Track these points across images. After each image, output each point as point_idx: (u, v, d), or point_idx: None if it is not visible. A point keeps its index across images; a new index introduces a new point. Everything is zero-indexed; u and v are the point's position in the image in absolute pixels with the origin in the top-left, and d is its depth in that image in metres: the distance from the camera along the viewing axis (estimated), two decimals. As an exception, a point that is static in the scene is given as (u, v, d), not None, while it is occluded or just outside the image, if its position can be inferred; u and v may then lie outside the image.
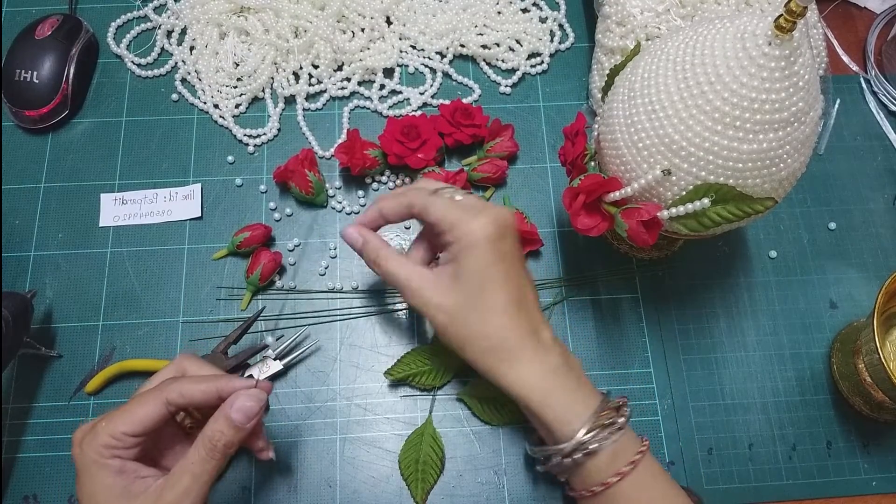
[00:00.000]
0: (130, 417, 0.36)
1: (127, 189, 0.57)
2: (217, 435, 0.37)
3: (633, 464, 0.40)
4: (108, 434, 0.36)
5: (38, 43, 0.58)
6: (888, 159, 0.60)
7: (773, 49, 0.36)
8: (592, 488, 0.40)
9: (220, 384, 0.38)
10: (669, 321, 0.54)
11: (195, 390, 0.37)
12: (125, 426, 0.36)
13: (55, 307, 0.53)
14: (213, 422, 0.37)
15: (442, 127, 0.57)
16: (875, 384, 0.48)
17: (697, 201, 0.40)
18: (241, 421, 0.37)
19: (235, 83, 0.60)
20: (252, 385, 0.38)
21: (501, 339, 0.41)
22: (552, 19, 0.64)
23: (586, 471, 0.40)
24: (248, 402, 0.37)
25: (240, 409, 0.37)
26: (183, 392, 0.37)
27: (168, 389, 0.37)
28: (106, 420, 0.36)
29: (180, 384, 0.38)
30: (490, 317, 0.41)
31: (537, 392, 0.41)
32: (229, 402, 0.37)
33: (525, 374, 0.41)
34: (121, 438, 0.36)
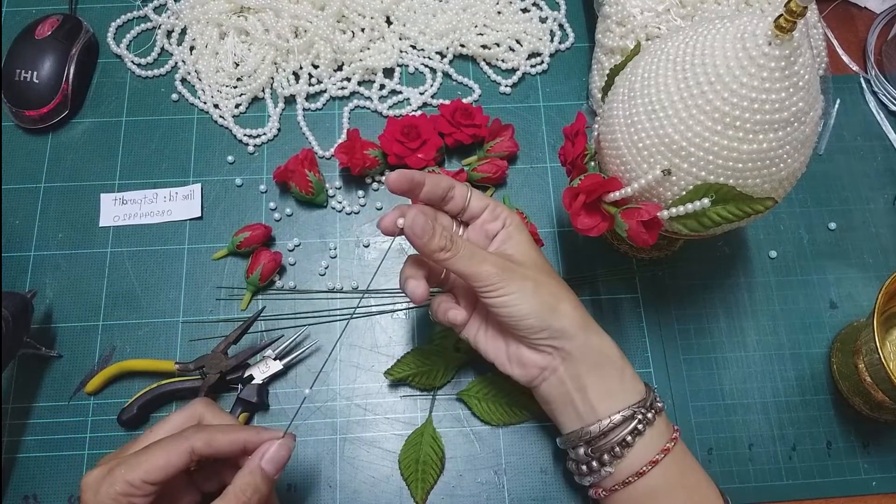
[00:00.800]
0: (151, 465, 0.35)
1: (127, 189, 0.57)
2: (249, 489, 0.36)
3: (665, 451, 0.40)
4: (126, 481, 0.35)
5: (38, 43, 0.58)
6: (888, 159, 0.60)
7: (773, 49, 0.36)
8: (626, 479, 0.41)
9: (247, 436, 0.38)
10: (669, 321, 0.54)
11: (223, 441, 0.37)
12: (145, 474, 0.35)
13: (55, 307, 0.53)
14: (242, 476, 0.37)
15: (442, 127, 0.57)
16: (875, 384, 0.48)
17: (697, 201, 0.40)
18: (272, 472, 0.37)
19: (235, 83, 0.60)
20: (279, 436, 0.38)
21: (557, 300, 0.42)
22: (552, 19, 0.64)
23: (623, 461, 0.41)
24: (281, 452, 0.38)
25: (271, 459, 0.37)
26: (210, 442, 0.37)
27: (194, 438, 0.36)
28: (124, 467, 0.35)
29: (208, 434, 0.37)
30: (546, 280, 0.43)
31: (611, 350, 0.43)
32: (259, 454, 0.37)
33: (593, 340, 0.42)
34: (140, 486, 0.35)
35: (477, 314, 0.45)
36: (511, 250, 0.43)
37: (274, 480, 0.38)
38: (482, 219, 0.44)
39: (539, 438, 0.50)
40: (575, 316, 0.42)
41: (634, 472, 0.40)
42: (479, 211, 0.44)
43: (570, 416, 0.43)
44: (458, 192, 0.44)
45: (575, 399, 0.42)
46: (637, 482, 0.41)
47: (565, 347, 0.41)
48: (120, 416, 0.49)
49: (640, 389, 0.42)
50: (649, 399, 0.42)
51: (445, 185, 0.43)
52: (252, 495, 0.36)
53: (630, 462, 0.41)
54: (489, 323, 0.44)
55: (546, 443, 0.50)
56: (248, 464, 0.37)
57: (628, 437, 0.40)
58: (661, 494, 0.41)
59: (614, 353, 0.42)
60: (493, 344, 0.44)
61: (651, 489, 0.41)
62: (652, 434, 0.41)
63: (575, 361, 0.41)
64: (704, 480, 0.42)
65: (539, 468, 0.49)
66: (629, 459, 0.41)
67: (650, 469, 0.40)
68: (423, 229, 0.39)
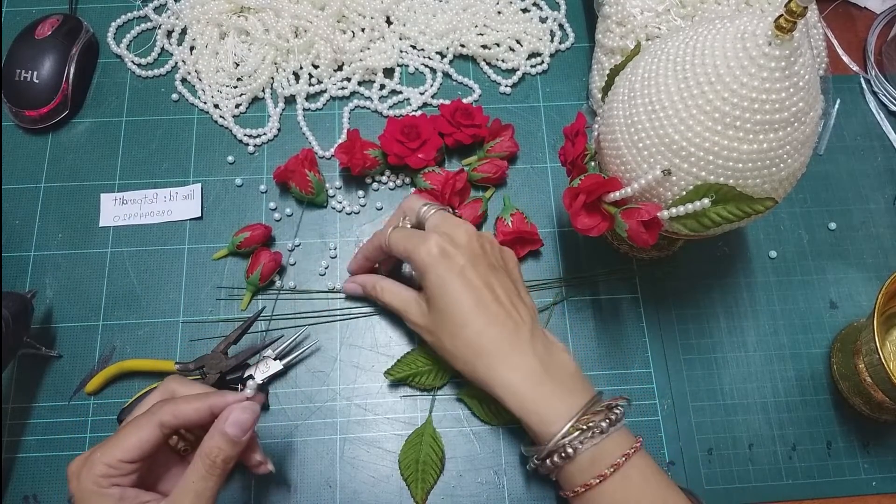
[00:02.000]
0: (125, 444, 0.36)
1: (127, 189, 0.57)
2: (214, 451, 0.37)
3: (615, 466, 0.40)
4: (104, 463, 0.36)
5: (38, 43, 0.58)
6: (888, 159, 0.60)
7: (773, 49, 0.36)
8: (575, 489, 0.41)
9: (211, 401, 0.38)
10: (669, 321, 0.54)
11: (188, 409, 0.37)
12: (121, 453, 0.36)
13: (55, 307, 0.53)
14: (208, 438, 0.37)
15: (442, 127, 0.57)
16: (875, 384, 0.48)
17: (697, 201, 0.40)
18: (236, 434, 0.37)
19: (235, 83, 0.60)
20: (244, 398, 0.38)
21: (476, 348, 0.43)
22: (552, 19, 0.64)
23: (568, 472, 0.41)
24: (243, 415, 0.37)
25: (234, 422, 0.37)
26: (175, 413, 0.37)
27: (160, 412, 0.37)
28: (101, 450, 0.36)
29: (172, 405, 0.37)
30: (459, 331, 0.43)
31: (517, 395, 0.42)
32: (223, 417, 0.37)
33: (505, 378, 0.42)
34: (117, 466, 0.36)
35: None
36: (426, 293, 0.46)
37: (241, 442, 0.37)
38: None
39: (539, 438, 0.50)
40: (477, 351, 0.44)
41: (583, 483, 0.40)
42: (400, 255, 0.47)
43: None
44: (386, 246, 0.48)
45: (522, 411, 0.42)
46: (590, 493, 0.40)
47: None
48: (120, 416, 0.49)
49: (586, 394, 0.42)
50: (592, 407, 0.41)
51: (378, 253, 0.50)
52: (216, 457, 0.37)
53: (582, 467, 0.40)
54: None
55: (546, 443, 0.50)
56: (214, 427, 0.37)
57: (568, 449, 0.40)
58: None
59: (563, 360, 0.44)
60: None
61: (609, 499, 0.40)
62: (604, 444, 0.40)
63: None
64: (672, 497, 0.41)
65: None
66: (581, 465, 0.40)
67: (598, 483, 0.40)
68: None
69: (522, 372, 0.42)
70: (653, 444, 0.50)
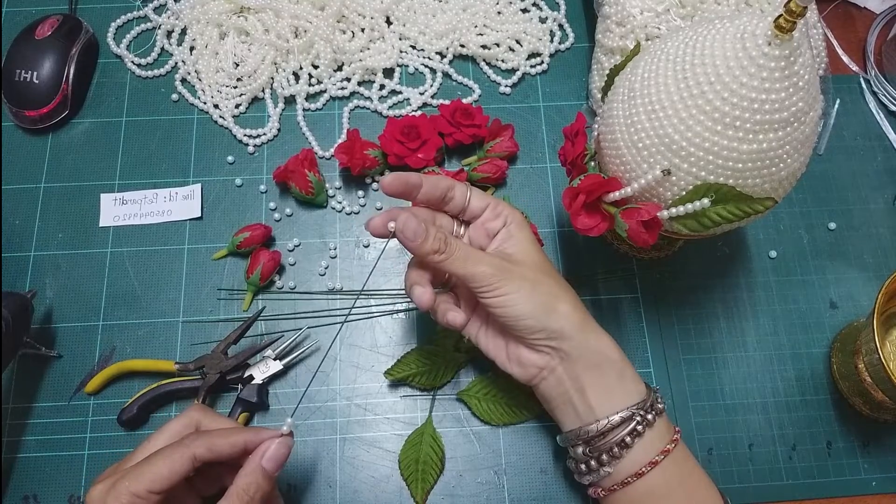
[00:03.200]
0: (155, 475, 0.35)
1: (127, 189, 0.57)
2: (253, 487, 0.37)
3: (664, 453, 0.40)
4: (131, 492, 0.35)
5: (38, 43, 0.58)
6: (888, 159, 0.60)
7: (773, 49, 0.36)
8: (625, 479, 0.41)
9: (246, 437, 0.38)
10: (669, 321, 0.54)
11: (223, 444, 0.37)
12: (150, 484, 0.35)
13: (55, 307, 0.53)
14: (245, 475, 0.37)
15: (442, 127, 0.57)
16: (875, 384, 0.48)
17: (697, 201, 0.40)
18: (273, 470, 0.38)
19: (235, 83, 0.60)
20: (279, 435, 0.39)
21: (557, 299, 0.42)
22: (552, 19, 0.64)
23: (621, 462, 0.41)
24: (280, 450, 0.38)
25: (272, 457, 0.37)
26: (211, 447, 0.37)
27: (194, 445, 0.37)
28: (128, 479, 0.35)
29: (209, 439, 0.37)
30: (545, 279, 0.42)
31: (611, 352, 0.42)
32: (259, 452, 0.37)
33: (592, 338, 0.42)
34: (145, 497, 0.35)
35: (478, 313, 0.45)
36: (511, 249, 0.43)
37: (275, 478, 0.38)
38: (483, 217, 0.44)
39: (539, 438, 0.50)
40: (573, 316, 0.41)
41: (633, 472, 0.40)
42: (480, 210, 0.44)
43: (570, 416, 0.43)
44: (458, 192, 0.44)
45: (573, 399, 0.42)
46: (636, 483, 0.40)
47: (563, 348, 0.41)
48: (120, 416, 0.49)
49: (640, 390, 0.42)
50: (649, 400, 0.42)
51: (444, 186, 0.43)
52: (255, 494, 0.37)
53: (629, 463, 0.41)
54: (489, 322, 0.44)
55: (546, 443, 0.50)
56: (249, 463, 0.37)
57: (627, 438, 0.40)
58: (660, 496, 0.41)
59: (614, 354, 0.42)
60: (494, 342, 0.44)
61: (650, 490, 0.41)
62: (651, 435, 0.41)
63: (573, 362, 0.41)
64: (705, 483, 0.42)
65: (539, 468, 0.49)
66: (628, 460, 0.41)
67: (649, 470, 0.40)
68: (414, 233, 0.40)
69: (606, 338, 0.43)
70: (653, 444, 0.50)
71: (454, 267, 0.41)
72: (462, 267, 0.40)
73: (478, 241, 0.44)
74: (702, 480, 0.42)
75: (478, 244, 0.44)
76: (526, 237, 0.43)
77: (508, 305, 0.40)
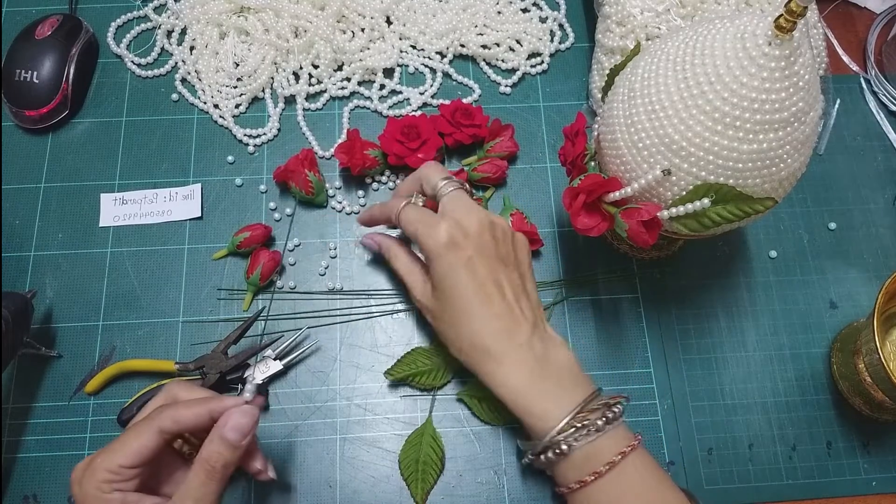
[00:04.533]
0: (126, 450, 0.36)
1: (127, 189, 0.57)
2: (214, 456, 0.37)
3: (610, 464, 0.40)
4: (105, 469, 0.36)
5: (38, 43, 0.58)
6: (888, 159, 0.60)
7: (773, 49, 0.36)
8: (569, 485, 0.41)
9: (210, 406, 0.38)
10: (669, 321, 0.54)
11: (187, 414, 0.37)
12: (122, 459, 0.36)
13: (55, 307, 0.53)
14: (208, 443, 0.37)
15: (442, 127, 0.57)
16: (875, 384, 0.48)
17: (697, 201, 0.40)
18: (235, 439, 0.37)
19: (235, 83, 0.60)
20: (242, 402, 0.38)
21: (474, 342, 0.43)
22: (552, 19, 0.64)
23: (562, 468, 0.41)
24: (242, 420, 0.37)
25: (234, 427, 0.37)
26: (175, 418, 0.37)
27: (160, 417, 0.37)
28: (102, 455, 0.36)
29: (172, 410, 0.37)
30: (460, 322, 0.43)
31: (512, 391, 0.42)
32: (222, 422, 0.37)
33: (502, 374, 0.42)
34: (118, 472, 0.36)
35: None
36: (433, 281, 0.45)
37: (241, 447, 0.37)
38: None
39: (539, 438, 0.50)
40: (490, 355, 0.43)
41: (577, 479, 0.40)
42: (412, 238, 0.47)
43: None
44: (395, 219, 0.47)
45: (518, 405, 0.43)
46: (585, 490, 0.40)
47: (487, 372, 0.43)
48: (120, 416, 0.49)
49: (584, 391, 0.42)
50: (589, 404, 0.41)
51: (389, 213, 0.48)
52: (216, 463, 0.37)
53: (577, 464, 0.41)
54: None
55: (546, 443, 0.50)
56: (213, 432, 0.37)
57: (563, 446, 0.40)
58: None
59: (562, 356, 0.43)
60: None
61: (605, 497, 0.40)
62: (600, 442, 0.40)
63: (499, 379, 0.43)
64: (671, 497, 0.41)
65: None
66: (576, 462, 0.40)
67: (593, 480, 0.40)
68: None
69: (519, 368, 0.42)
70: (653, 444, 0.50)
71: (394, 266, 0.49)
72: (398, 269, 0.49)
73: None
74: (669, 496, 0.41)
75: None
76: (440, 271, 0.44)
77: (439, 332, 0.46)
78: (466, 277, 0.43)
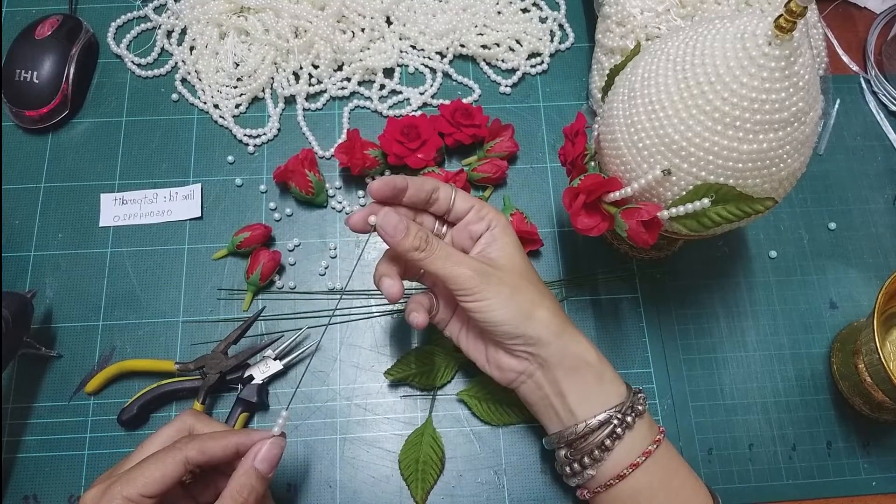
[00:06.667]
0: (148, 479, 0.35)
1: (127, 189, 0.57)
2: (246, 489, 0.36)
3: (646, 454, 0.40)
4: (125, 497, 0.35)
5: (38, 43, 0.58)
6: (888, 159, 0.60)
7: (773, 49, 0.36)
8: (607, 482, 0.41)
9: (238, 439, 0.38)
10: (669, 321, 0.54)
11: (215, 447, 0.37)
12: (143, 488, 0.35)
13: (55, 307, 0.53)
14: (237, 477, 0.37)
15: (442, 127, 0.57)
16: (875, 384, 0.48)
17: (697, 201, 0.40)
18: (266, 471, 0.37)
19: (235, 83, 0.60)
20: (270, 435, 0.38)
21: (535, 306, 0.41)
22: (552, 19, 0.64)
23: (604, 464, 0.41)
24: (272, 451, 0.38)
25: (265, 458, 0.37)
26: (203, 449, 0.37)
27: (187, 448, 0.37)
28: (120, 483, 0.35)
29: (200, 443, 0.37)
30: (526, 286, 0.42)
31: (595, 357, 0.42)
32: (252, 454, 0.37)
33: (571, 344, 0.42)
34: (138, 501, 0.35)
35: (459, 314, 0.45)
36: (494, 253, 0.43)
37: (269, 479, 0.38)
38: (467, 219, 0.44)
39: (539, 438, 0.50)
40: (551, 322, 0.41)
41: (615, 474, 0.40)
42: (464, 212, 0.44)
43: (552, 419, 0.43)
44: (443, 193, 0.43)
45: (553, 402, 0.42)
46: (619, 484, 0.41)
47: (541, 354, 0.41)
48: (120, 416, 0.49)
49: (620, 392, 0.42)
50: (628, 402, 0.42)
51: (429, 188, 0.43)
52: (248, 495, 0.36)
53: (611, 464, 0.41)
54: (470, 323, 0.44)
55: (546, 443, 0.50)
56: (242, 465, 0.37)
57: (607, 441, 0.40)
58: (645, 496, 0.41)
59: (592, 357, 0.42)
60: (474, 345, 0.44)
61: (634, 491, 0.41)
62: (633, 437, 0.41)
63: (551, 367, 0.42)
64: (692, 482, 0.42)
65: (539, 468, 0.49)
66: (610, 462, 0.41)
67: (631, 472, 0.40)
68: (395, 228, 0.39)
69: (585, 342, 0.43)
70: (653, 444, 0.50)
71: (434, 266, 0.40)
72: (442, 267, 0.40)
73: (461, 243, 0.44)
74: (688, 480, 0.42)
75: (460, 246, 0.44)
76: (509, 242, 0.43)
77: (486, 311, 0.40)
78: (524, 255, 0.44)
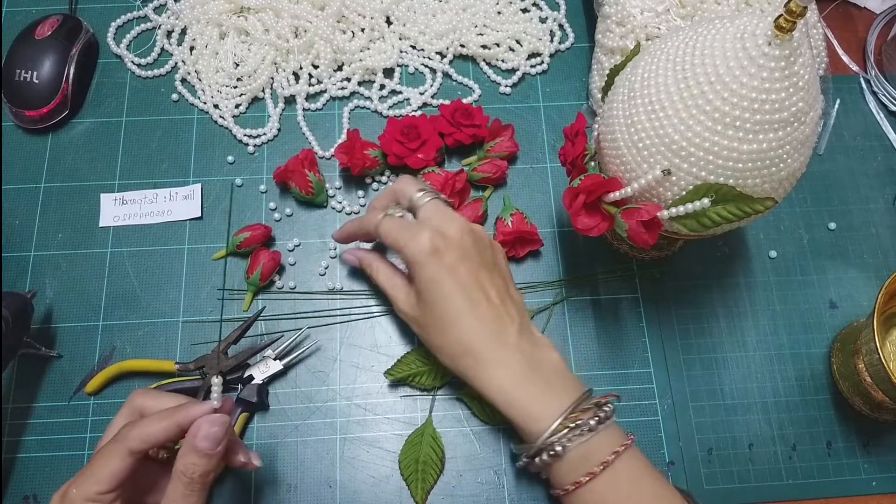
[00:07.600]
0: (98, 476, 0.35)
1: (127, 189, 0.57)
2: (190, 468, 0.36)
3: (604, 464, 0.40)
4: (83, 498, 0.35)
5: (38, 43, 0.58)
6: (888, 159, 0.60)
7: (773, 49, 0.36)
8: (565, 487, 0.41)
9: (177, 418, 0.37)
10: (669, 321, 0.54)
11: (155, 431, 0.36)
12: (96, 486, 0.35)
13: (55, 307, 0.53)
14: (182, 456, 0.36)
15: (442, 127, 0.57)
16: (875, 384, 0.48)
17: (697, 201, 0.40)
18: (209, 448, 0.36)
19: (235, 83, 0.60)
20: (211, 409, 0.37)
21: (463, 346, 0.43)
22: (552, 19, 0.64)
23: (557, 470, 0.41)
24: (213, 428, 0.36)
25: (205, 436, 0.36)
26: (143, 437, 0.36)
27: (128, 438, 0.36)
28: (75, 484, 0.36)
29: (139, 429, 0.36)
30: (447, 328, 0.43)
31: (502, 394, 0.42)
32: (192, 433, 0.36)
33: (490, 377, 0.42)
34: (96, 498, 0.35)
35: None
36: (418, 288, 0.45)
37: (216, 454, 0.37)
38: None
39: (539, 438, 0.50)
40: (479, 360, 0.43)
41: (572, 481, 0.40)
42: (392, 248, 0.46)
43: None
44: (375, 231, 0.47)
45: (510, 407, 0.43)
46: (580, 491, 0.40)
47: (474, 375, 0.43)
48: (120, 416, 0.49)
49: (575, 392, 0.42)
50: (581, 404, 0.41)
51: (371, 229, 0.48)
52: (193, 474, 0.36)
53: (571, 465, 0.41)
54: None
55: (546, 443, 0.50)
56: (184, 445, 0.37)
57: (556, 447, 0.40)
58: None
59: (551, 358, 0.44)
60: None
61: (600, 497, 0.40)
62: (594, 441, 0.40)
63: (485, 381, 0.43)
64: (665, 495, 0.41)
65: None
66: (570, 463, 0.40)
67: (588, 480, 0.40)
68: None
69: (509, 370, 0.42)
70: (653, 444, 0.50)
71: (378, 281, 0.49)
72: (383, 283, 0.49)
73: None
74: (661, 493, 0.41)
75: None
76: (424, 278, 0.44)
77: (424, 337, 0.46)
78: (451, 283, 0.43)
